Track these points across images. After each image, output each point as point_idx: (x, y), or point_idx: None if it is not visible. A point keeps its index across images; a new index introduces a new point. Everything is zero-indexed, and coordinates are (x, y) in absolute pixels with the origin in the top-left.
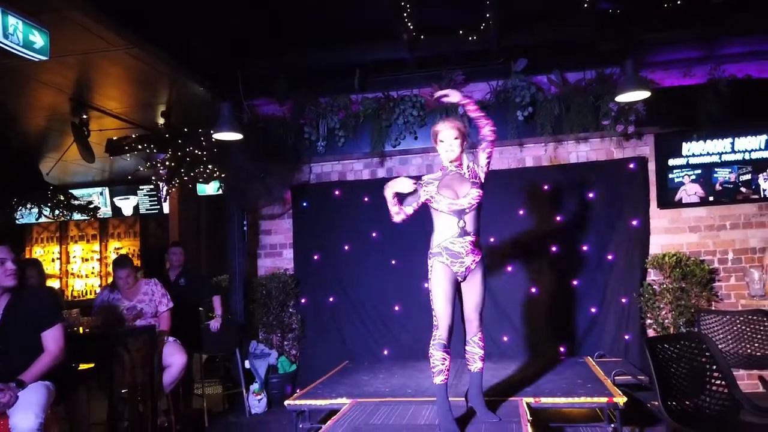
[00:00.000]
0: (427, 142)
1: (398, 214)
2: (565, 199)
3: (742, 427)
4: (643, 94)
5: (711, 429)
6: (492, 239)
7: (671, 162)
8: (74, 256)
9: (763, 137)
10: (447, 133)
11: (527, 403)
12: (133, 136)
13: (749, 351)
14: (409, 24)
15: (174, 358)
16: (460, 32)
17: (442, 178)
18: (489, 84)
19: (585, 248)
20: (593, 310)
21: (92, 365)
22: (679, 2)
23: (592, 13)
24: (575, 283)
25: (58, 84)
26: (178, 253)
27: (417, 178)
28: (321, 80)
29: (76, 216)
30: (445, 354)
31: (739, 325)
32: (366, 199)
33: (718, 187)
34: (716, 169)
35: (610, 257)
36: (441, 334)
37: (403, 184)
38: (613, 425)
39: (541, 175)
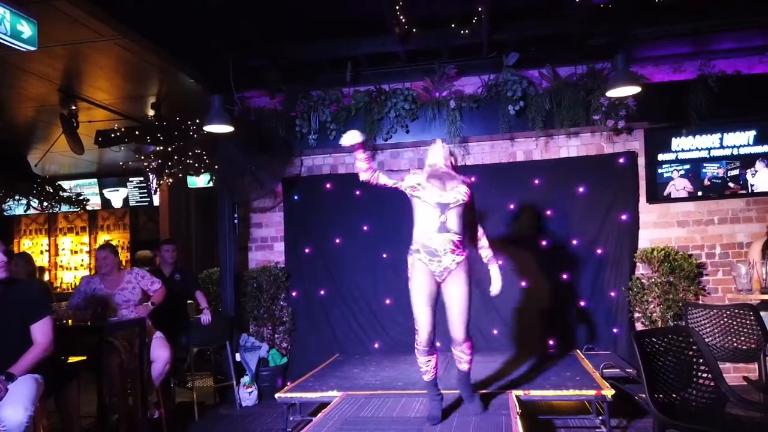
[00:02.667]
0: (419, 135)
1: (367, 168)
2: (556, 194)
3: (728, 419)
4: (633, 90)
5: (697, 421)
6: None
7: (661, 157)
8: (63, 249)
9: (752, 133)
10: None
11: (517, 396)
12: (123, 128)
13: (735, 345)
14: (402, 17)
15: (159, 352)
16: (452, 26)
17: (431, 171)
18: (481, 78)
19: (575, 242)
20: (582, 303)
21: (82, 358)
22: None
23: (584, 8)
24: (565, 276)
25: (47, 75)
26: (170, 250)
27: (407, 172)
28: (313, 73)
29: (65, 208)
30: (429, 357)
31: (725, 319)
32: (357, 192)
33: (706, 182)
34: (705, 165)
35: (599, 251)
36: (421, 340)
37: (354, 135)
38: (601, 417)
39: (532, 170)
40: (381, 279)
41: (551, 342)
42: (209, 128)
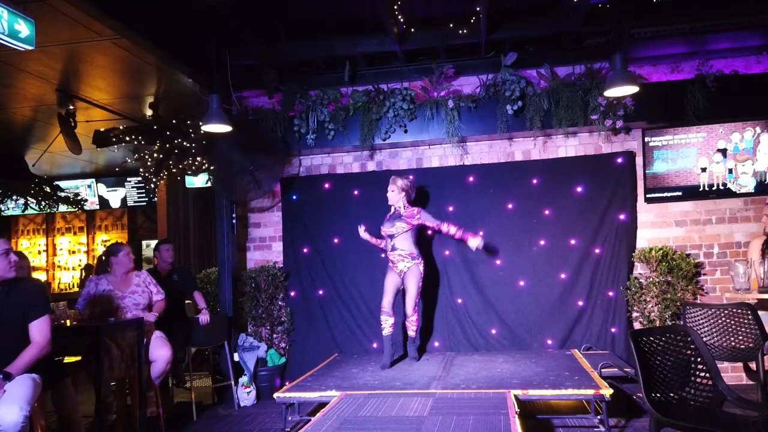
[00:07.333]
0: (417, 135)
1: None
2: (554, 193)
3: (726, 418)
4: (631, 89)
5: (695, 420)
6: (481, 232)
7: (657, 154)
8: (61, 249)
9: (749, 132)
10: (389, 187)
11: (515, 395)
12: (121, 127)
13: (733, 344)
14: (400, 17)
15: (160, 352)
16: (451, 25)
17: (388, 215)
18: (479, 78)
19: (573, 242)
20: (580, 303)
21: (79, 358)
22: None
23: (582, 8)
24: (563, 276)
25: (44, 74)
26: (168, 250)
27: (406, 172)
28: (311, 73)
29: (63, 208)
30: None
31: (723, 319)
32: (356, 192)
33: (705, 181)
34: (703, 164)
35: (597, 251)
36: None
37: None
38: (599, 417)
39: (530, 169)
40: (379, 278)
41: (549, 341)
42: (207, 128)
